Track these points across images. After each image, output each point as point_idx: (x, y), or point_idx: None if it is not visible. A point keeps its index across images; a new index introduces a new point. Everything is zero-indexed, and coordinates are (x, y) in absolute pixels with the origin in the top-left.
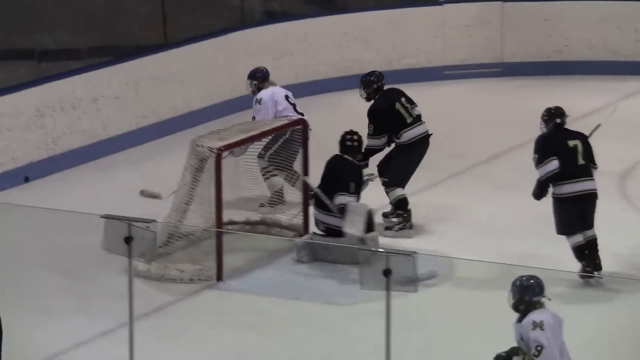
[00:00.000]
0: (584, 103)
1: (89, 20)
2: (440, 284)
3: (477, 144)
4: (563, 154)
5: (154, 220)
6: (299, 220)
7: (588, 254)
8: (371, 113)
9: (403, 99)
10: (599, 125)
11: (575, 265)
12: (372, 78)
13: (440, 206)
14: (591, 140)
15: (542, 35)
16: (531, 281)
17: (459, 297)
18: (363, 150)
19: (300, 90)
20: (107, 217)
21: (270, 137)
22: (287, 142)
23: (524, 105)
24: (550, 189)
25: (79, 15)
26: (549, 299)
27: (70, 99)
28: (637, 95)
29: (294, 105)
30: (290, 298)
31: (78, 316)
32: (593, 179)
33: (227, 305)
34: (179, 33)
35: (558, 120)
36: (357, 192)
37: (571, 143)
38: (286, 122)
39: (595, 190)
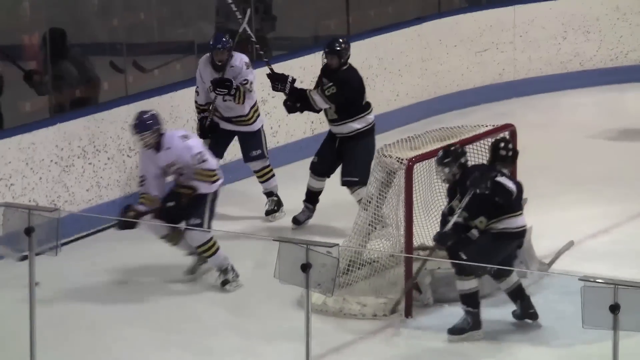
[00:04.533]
0: None
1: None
2: None
3: None
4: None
5: (336, 244)
6: None
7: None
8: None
9: None
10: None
11: None
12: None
13: None
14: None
15: None
16: None
17: None
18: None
19: (507, 90)
20: (281, 240)
21: None
22: None
23: None
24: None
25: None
26: None
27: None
28: None
29: None
30: (491, 338)
31: (243, 358)
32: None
33: (417, 347)
34: (365, 22)
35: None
36: None
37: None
38: (491, 127)
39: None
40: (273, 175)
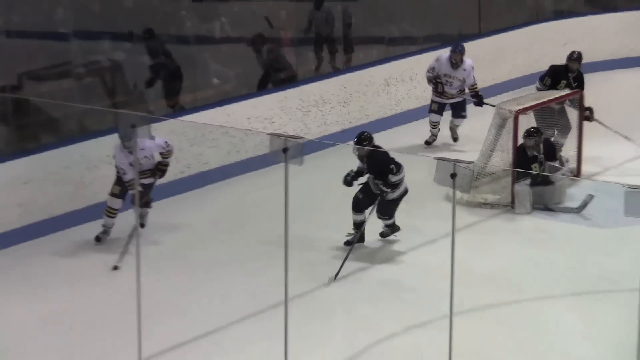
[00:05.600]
0: None
1: (423, 13)
2: None
3: None
4: None
5: (471, 162)
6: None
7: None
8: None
9: None
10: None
11: None
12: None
13: None
14: None
15: None
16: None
17: None
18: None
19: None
20: (438, 158)
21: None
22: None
23: None
24: None
25: (417, 9)
26: None
27: (409, 73)
28: None
29: None
30: (575, 218)
31: (410, 227)
32: None
33: (519, 225)
34: (489, 24)
35: None
36: None
37: None
38: (567, 92)
39: None
40: None
